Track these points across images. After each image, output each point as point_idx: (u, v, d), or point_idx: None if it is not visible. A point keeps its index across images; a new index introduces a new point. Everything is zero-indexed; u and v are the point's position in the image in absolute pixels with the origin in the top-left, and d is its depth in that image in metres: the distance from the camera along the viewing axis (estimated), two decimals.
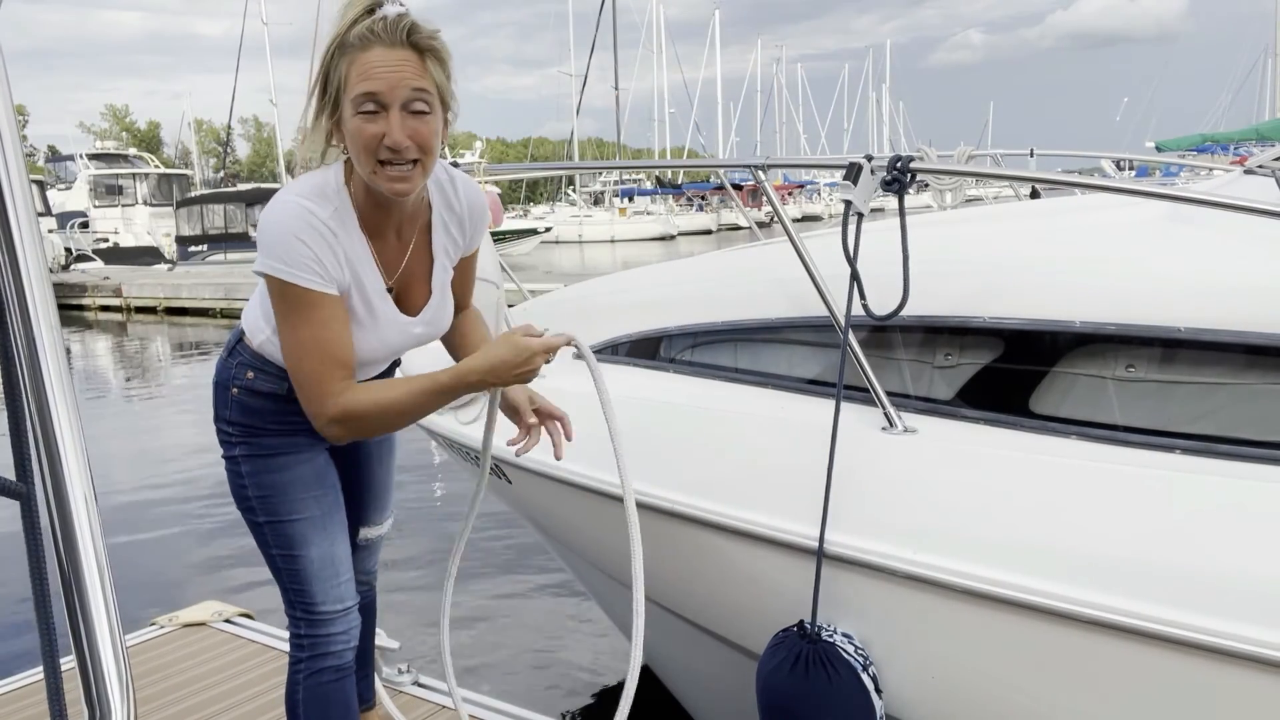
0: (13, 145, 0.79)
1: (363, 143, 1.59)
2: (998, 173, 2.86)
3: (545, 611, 4.80)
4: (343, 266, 1.67)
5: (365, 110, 1.57)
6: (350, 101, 1.59)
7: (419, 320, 1.85)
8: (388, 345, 1.82)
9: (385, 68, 1.56)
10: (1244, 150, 13.83)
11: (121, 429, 9.67)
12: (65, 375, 0.79)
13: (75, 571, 0.77)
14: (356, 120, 1.59)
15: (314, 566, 1.86)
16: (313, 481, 1.87)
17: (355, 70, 1.58)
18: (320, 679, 1.91)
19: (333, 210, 1.67)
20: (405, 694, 2.78)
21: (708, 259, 3.33)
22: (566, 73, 50.61)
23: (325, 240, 1.63)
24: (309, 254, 1.61)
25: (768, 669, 2.17)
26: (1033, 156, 5.17)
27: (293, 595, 1.89)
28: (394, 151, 1.59)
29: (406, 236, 1.80)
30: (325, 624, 1.89)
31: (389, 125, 1.57)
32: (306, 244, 1.61)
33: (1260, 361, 1.94)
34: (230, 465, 1.88)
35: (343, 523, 1.93)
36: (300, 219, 1.62)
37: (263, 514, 1.86)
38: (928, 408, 2.27)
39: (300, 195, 1.65)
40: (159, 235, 30.97)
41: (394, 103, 1.57)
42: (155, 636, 3.29)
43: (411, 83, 1.58)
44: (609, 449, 2.64)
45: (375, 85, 1.56)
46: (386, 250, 1.77)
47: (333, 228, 1.65)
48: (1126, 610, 1.78)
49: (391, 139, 1.58)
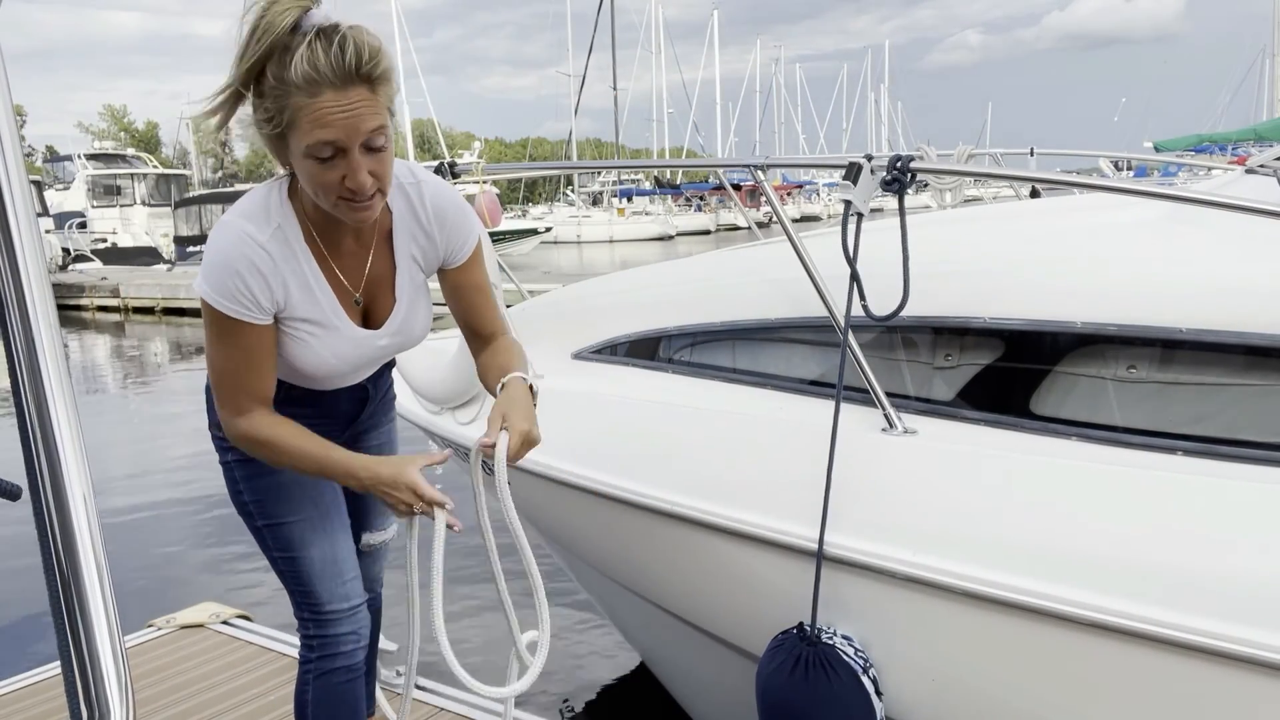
0: (13, 145, 0.79)
1: (322, 186, 1.52)
2: (998, 172, 2.85)
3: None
4: (278, 294, 1.63)
5: (323, 157, 1.49)
6: (305, 147, 1.49)
7: (384, 332, 1.78)
8: (347, 361, 1.77)
9: (341, 113, 1.46)
10: (1242, 150, 13.83)
11: (118, 429, 9.66)
12: (65, 376, 0.79)
13: (74, 572, 0.77)
14: (312, 164, 1.50)
15: (315, 566, 1.86)
16: (308, 482, 1.85)
17: (306, 117, 1.46)
18: (331, 679, 1.90)
19: (274, 229, 1.62)
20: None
21: (707, 259, 3.32)
22: (565, 73, 50.68)
23: (259, 271, 1.60)
24: (240, 286, 1.59)
25: (767, 671, 2.16)
26: (1033, 156, 5.16)
27: (299, 597, 1.89)
28: (355, 193, 1.53)
29: (366, 242, 1.73)
30: (333, 623, 1.89)
31: (349, 168, 1.50)
32: (240, 275, 1.58)
33: (1262, 362, 1.93)
34: (226, 470, 1.88)
35: (343, 521, 1.92)
36: (236, 248, 1.58)
37: (260, 517, 1.86)
38: (928, 409, 2.26)
39: (242, 217, 1.61)
40: (157, 235, 30.94)
41: (353, 146, 1.49)
42: (152, 638, 3.28)
43: (369, 125, 1.48)
44: (600, 448, 2.64)
45: (333, 134, 1.47)
46: (345, 261, 1.72)
47: (272, 252, 1.61)
48: (1128, 613, 1.77)
49: (355, 182, 1.51)
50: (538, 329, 3.17)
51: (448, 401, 3.23)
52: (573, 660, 4.26)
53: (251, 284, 1.59)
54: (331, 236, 1.69)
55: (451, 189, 1.79)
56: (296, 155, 1.52)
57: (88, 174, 32.53)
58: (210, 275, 1.59)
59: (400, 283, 1.77)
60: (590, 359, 3.02)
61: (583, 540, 2.86)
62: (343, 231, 1.69)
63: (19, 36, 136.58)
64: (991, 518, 1.98)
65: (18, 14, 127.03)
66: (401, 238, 1.75)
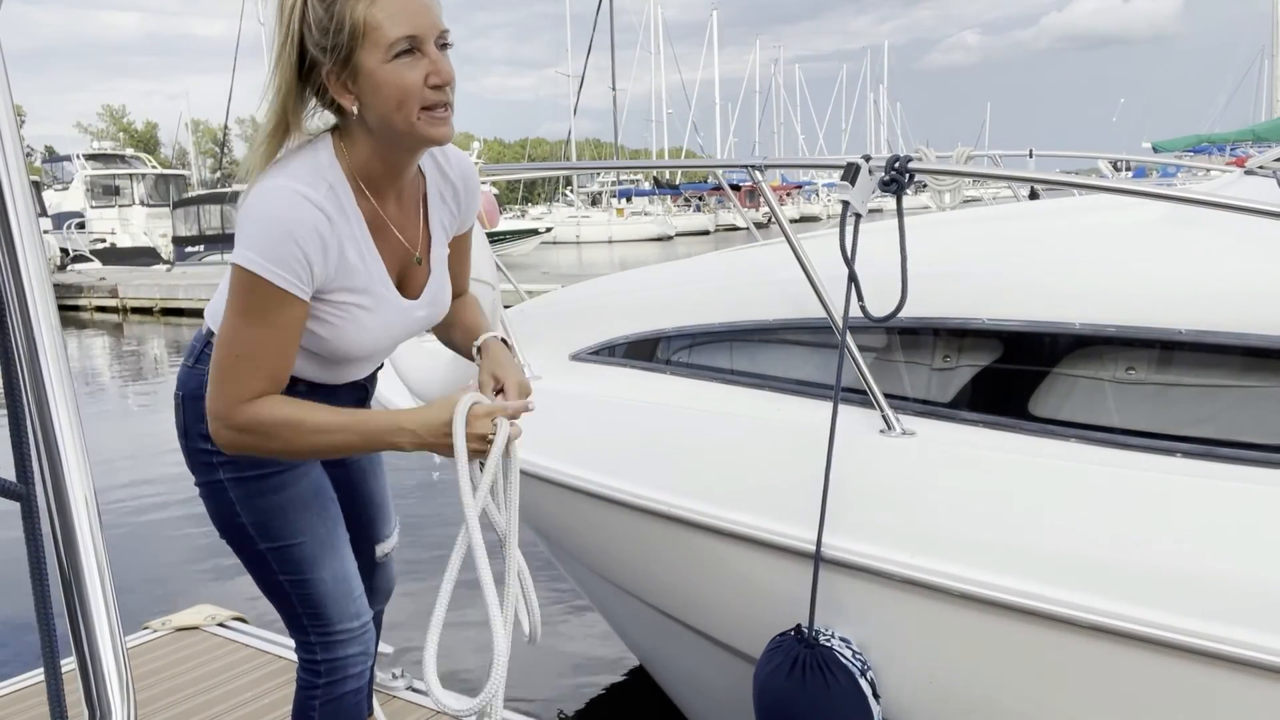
0: (13, 145, 0.79)
1: (406, 90, 1.43)
2: (995, 173, 2.85)
3: (541, 612, 4.77)
4: (332, 263, 1.51)
5: (403, 54, 1.42)
6: (384, 49, 1.42)
7: (421, 303, 1.68)
8: (392, 336, 1.66)
9: (412, 6, 1.42)
10: (1240, 151, 13.83)
11: (115, 430, 9.64)
12: (66, 376, 0.79)
13: (75, 572, 0.77)
14: (393, 67, 1.42)
15: (327, 587, 1.72)
16: (311, 498, 1.71)
17: (377, 13, 1.41)
18: (341, 704, 1.78)
19: (328, 189, 1.50)
20: (399, 699, 2.76)
21: (705, 260, 3.31)
22: (564, 73, 50.67)
23: (319, 236, 1.46)
24: (297, 254, 1.44)
25: (765, 673, 2.15)
26: (1031, 157, 5.16)
27: (306, 621, 1.74)
28: (439, 90, 1.45)
29: (408, 206, 1.65)
30: (343, 644, 1.76)
31: (433, 63, 1.44)
32: (297, 242, 1.44)
33: (1262, 364, 1.93)
34: (215, 491, 1.67)
35: (346, 536, 1.79)
36: (295, 210, 1.44)
37: (263, 540, 1.68)
38: (926, 410, 2.26)
39: (291, 178, 1.47)
40: (156, 236, 30.91)
41: (429, 41, 1.44)
42: (148, 641, 3.27)
43: (440, 22, 1.46)
44: (597, 449, 2.62)
45: (413, 25, 1.42)
46: (392, 225, 1.62)
47: (329, 213, 1.48)
48: (1126, 615, 1.76)
49: (442, 74, 1.44)
50: (535, 330, 3.16)
51: None
52: (571, 661, 4.25)
53: (310, 251, 1.45)
54: (382, 198, 1.58)
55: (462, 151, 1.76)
56: (371, 70, 1.43)
57: (86, 174, 32.50)
58: (261, 241, 1.43)
59: (435, 251, 1.70)
60: (588, 360, 3.02)
61: (579, 542, 2.85)
62: (388, 195, 1.59)
63: (18, 36, 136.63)
64: (990, 520, 1.97)
65: (17, 14, 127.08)
66: (435, 203, 1.69)
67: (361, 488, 1.99)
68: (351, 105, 1.48)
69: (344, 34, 1.42)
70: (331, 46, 1.43)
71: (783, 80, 74.56)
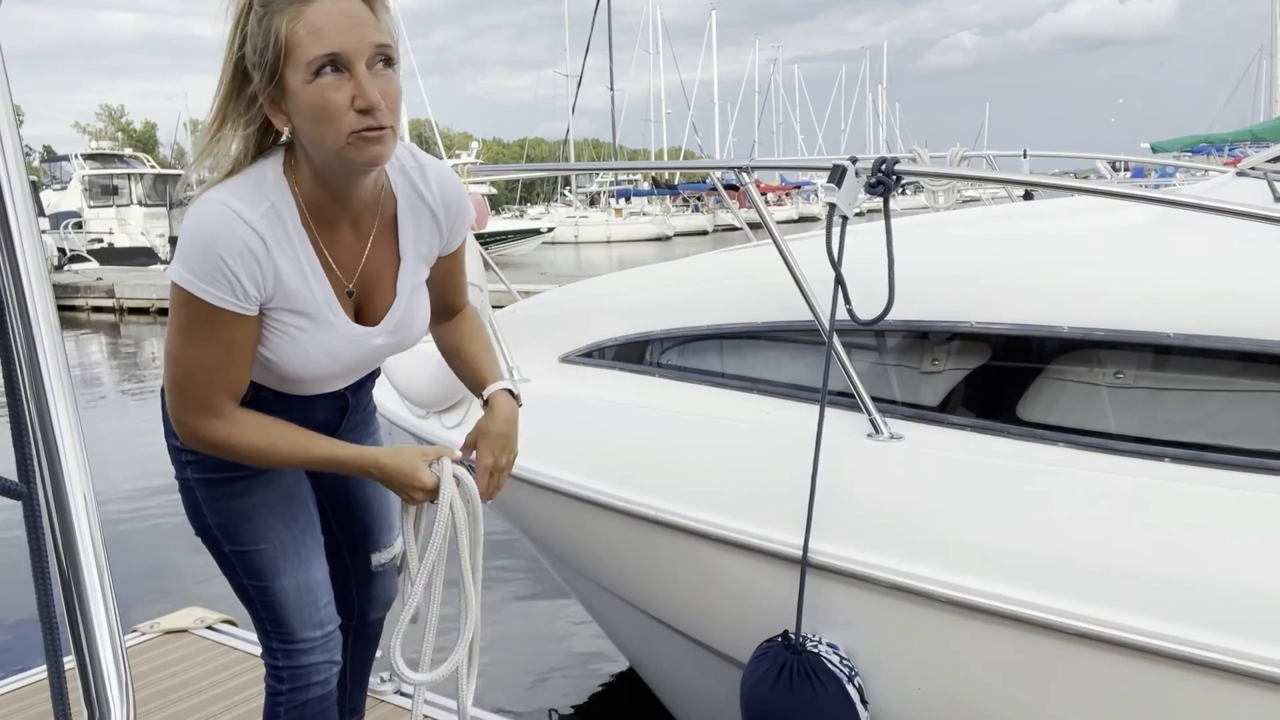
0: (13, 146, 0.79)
1: (327, 112, 1.36)
2: (983, 175, 2.84)
3: (532, 615, 4.77)
4: (268, 282, 1.46)
5: (324, 74, 1.35)
6: (303, 68, 1.35)
7: (380, 330, 1.61)
8: (340, 362, 1.59)
9: (339, 18, 1.34)
10: (1239, 151, 13.84)
11: (111, 430, 9.63)
12: (65, 376, 0.79)
13: (75, 572, 0.77)
14: (315, 87, 1.35)
15: (288, 596, 1.69)
16: (278, 504, 1.69)
17: (300, 30, 1.34)
18: (305, 711, 1.77)
19: (268, 207, 1.45)
20: (388, 704, 2.75)
21: (695, 261, 3.30)
22: (562, 74, 50.62)
23: (251, 254, 1.42)
24: (225, 271, 1.41)
25: (752, 680, 2.14)
26: (1026, 157, 5.15)
27: (268, 625, 1.72)
28: (367, 113, 1.36)
29: (365, 230, 1.57)
30: (304, 653, 1.73)
31: (358, 85, 1.35)
32: (224, 259, 1.40)
33: (1251, 368, 1.91)
34: (184, 489, 1.68)
35: (318, 543, 1.76)
36: (226, 229, 1.41)
37: (227, 543, 1.68)
38: (914, 414, 2.24)
39: (228, 193, 1.43)
40: (153, 236, 30.86)
41: (358, 60, 1.35)
42: (136, 644, 3.25)
43: (372, 38, 1.36)
44: (586, 453, 2.61)
45: (334, 44, 1.34)
46: (340, 248, 1.55)
47: (263, 233, 1.43)
48: (1114, 622, 1.74)
49: (367, 99, 1.35)
50: (525, 331, 3.15)
51: (434, 405, 3.21)
52: (561, 663, 4.24)
53: (238, 269, 1.41)
54: (329, 219, 1.52)
55: (451, 171, 1.69)
56: (295, 89, 1.37)
57: (84, 174, 32.46)
58: (189, 257, 1.41)
59: (403, 277, 1.62)
60: (577, 362, 3.00)
61: (568, 545, 2.84)
62: (341, 215, 1.53)
63: (18, 36, 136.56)
64: (978, 525, 1.95)
65: (17, 14, 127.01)
66: (407, 226, 1.61)
67: (359, 494, 1.94)
68: (283, 125, 1.43)
69: (269, 50, 1.37)
70: (259, 63, 1.38)
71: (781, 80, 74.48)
